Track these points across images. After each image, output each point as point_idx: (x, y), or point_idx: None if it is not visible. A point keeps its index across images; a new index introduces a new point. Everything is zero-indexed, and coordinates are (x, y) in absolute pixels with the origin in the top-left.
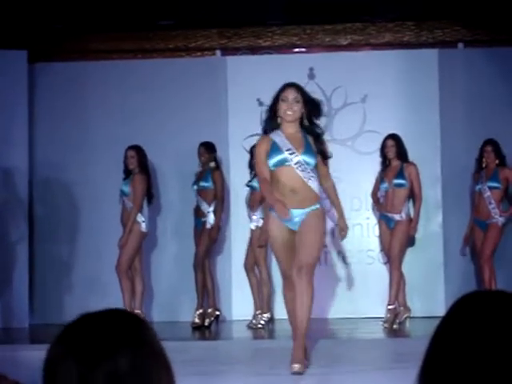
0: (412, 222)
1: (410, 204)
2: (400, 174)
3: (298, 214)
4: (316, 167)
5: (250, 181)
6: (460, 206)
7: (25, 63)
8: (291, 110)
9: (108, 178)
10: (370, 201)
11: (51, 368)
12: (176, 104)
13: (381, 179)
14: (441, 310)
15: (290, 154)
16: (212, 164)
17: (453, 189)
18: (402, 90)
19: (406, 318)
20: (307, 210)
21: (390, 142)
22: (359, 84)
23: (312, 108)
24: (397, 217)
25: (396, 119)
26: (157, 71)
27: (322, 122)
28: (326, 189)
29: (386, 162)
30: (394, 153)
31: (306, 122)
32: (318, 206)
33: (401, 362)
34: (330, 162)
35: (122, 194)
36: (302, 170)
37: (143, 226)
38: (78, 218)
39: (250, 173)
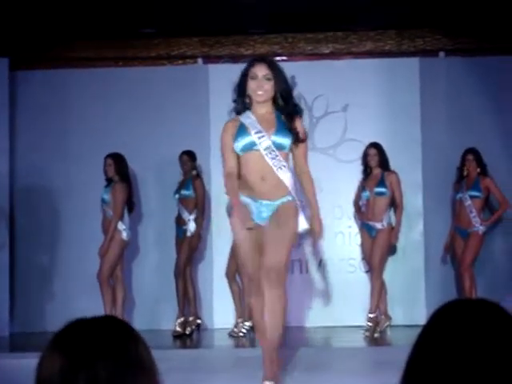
0: (393, 231)
1: (392, 212)
2: (381, 183)
3: (266, 207)
4: (292, 152)
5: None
6: (441, 215)
7: (6, 70)
8: (262, 90)
9: (90, 186)
10: (351, 209)
11: (39, 372)
12: (158, 112)
13: (362, 188)
14: (422, 319)
15: (259, 137)
16: (193, 172)
17: (434, 197)
18: (383, 99)
19: (386, 327)
20: (277, 202)
21: (373, 151)
22: (340, 92)
23: (286, 87)
24: (378, 225)
25: (377, 128)
26: (139, 79)
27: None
28: (301, 181)
29: (367, 171)
30: (376, 161)
31: (280, 102)
32: (289, 198)
33: (382, 371)
34: (312, 169)
35: (103, 202)
36: (272, 158)
37: (124, 235)
38: (59, 226)
39: None
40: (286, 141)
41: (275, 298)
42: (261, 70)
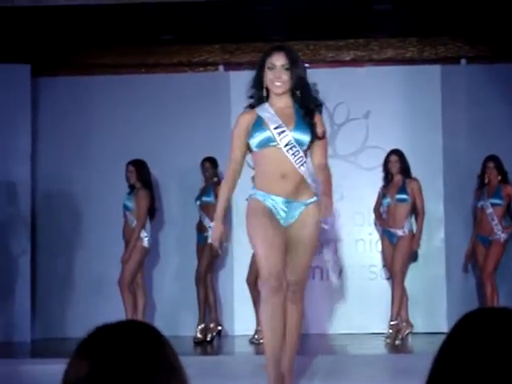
0: (414, 238)
1: (413, 219)
2: (402, 190)
3: (293, 207)
4: (310, 150)
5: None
6: (462, 222)
7: (28, 77)
8: (280, 81)
9: (111, 192)
10: (372, 216)
11: (65, 380)
12: (179, 118)
13: (383, 194)
14: (443, 326)
15: (279, 132)
16: (215, 179)
17: (455, 204)
18: (404, 106)
19: (408, 334)
20: (307, 202)
21: (394, 158)
22: (362, 100)
23: (303, 76)
24: (399, 232)
25: (398, 135)
26: (160, 86)
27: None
28: (319, 176)
29: (388, 177)
30: (397, 168)
31: (298, 94)
32: (315, 198)
33: (403, 379)
34: (333, 176)
35: (125, 208)
36: (294, 154)
37: (146, 242)
38: (80, 232)
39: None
40: (305, 138)
41: (294, 312)
42: (279, 60)
